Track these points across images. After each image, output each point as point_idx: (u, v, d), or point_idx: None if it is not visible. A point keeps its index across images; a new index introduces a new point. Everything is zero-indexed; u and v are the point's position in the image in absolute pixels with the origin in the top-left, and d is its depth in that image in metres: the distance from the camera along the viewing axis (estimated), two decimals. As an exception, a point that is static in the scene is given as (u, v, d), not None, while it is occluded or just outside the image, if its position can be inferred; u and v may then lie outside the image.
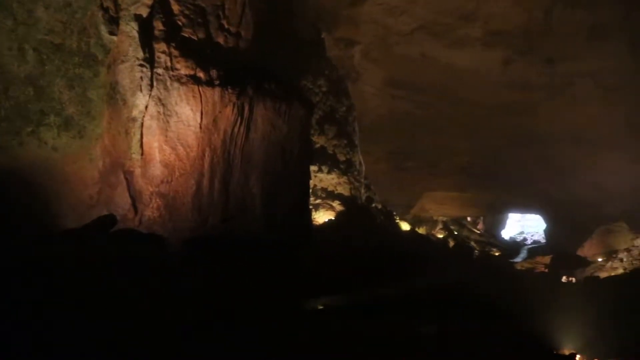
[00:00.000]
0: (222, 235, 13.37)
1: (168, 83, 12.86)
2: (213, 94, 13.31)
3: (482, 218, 45.05)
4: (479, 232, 42.10)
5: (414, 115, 34.94)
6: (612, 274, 23.07)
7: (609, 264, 24.89)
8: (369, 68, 33.57)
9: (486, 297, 15.44)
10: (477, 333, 11.51)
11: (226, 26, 14.75)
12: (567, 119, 33.26)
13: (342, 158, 23.58)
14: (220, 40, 14.53)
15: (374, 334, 10.86)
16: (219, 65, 13.71)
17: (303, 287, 14.39)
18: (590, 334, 12.96)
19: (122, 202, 12.58)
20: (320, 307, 14.63)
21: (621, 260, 24.24)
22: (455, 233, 37.42)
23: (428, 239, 28.92)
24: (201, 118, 13.15)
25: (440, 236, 35.26)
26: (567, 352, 12.26)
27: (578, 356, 12.13)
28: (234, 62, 14.35)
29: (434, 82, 33.72)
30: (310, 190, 19.97)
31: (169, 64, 12.94)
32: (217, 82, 13.42)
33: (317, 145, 22.93)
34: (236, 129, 13.87)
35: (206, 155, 13.36)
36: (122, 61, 12.68)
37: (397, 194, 35.02)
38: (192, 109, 13.04)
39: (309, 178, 17.54)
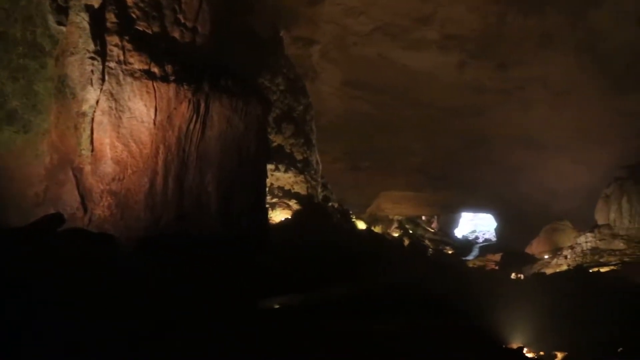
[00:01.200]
0: (176, 233, 13.10)
1: (121, 77, 12.46)
2: (168, 90, 13.00)
3: (436, 217, 46.04)
4: (433, 230, 43.05)
5: (371, 115, 35.36)
6: (557, 270, 24.08)
7: (555, 260, 26.01)
8: (327, 67, 33.70)
9: (440, 294, 15.81)
10: (431, 329, 11.76)
11: (182, 20, 14.43)
12: (518, 122, 34.49)
13: (299, 157, 23.57)
14: (176, 34, 14.20)
15: (330, 332, 10.91)
16: (174, 61, 13.40)
17: (259, 285, 14.29)
18: (537, 328, 13.47)
19: (70, 200, 12.09)
20: (277, 306, 14.58)
21: (565, 257, 25.36)
22: (410, 232, 38.12)
23: (384, 237, 29.31)
24: (155, 114, 12.81)
25: (396, 235, 35.81)
26: (515, 346, 12.69)
27: (525, 349, 12.58)
28: (190, 57, 14.06)
29: (391, 83, 34.22)
30: (267, 189, 19.86)
31: (121, 57, 12.54)
32: (172, 78, 13.11)
33: (274, 144, 22.82)
34: (192, 126, 13.60)
35: (160, 152, 13.03)
36: (72, 53, 12.17)
37: (353, 193, 35.36)
38: (145, 105, 12.69)
39: (266, 177, 17.44)
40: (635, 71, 30.12)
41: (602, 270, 22.05)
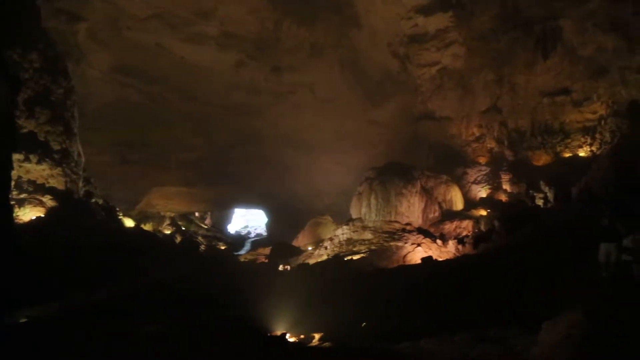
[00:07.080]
0: None
1: None
2: None
3: (209, 213, 46.09)
4: (206, 227, 42.97)
5: (144, 106, 33.57)
6: (319, 260, 26.42)
7: (317, 251, 28.46)
8: (95, 49, 30.74)
9: (210, 289, 15.87)
10: (198, 325, 11.70)
11: None
12: (289, 124, 37.02)
13: (56, 147, 20.79)
14: None
15: (91, 339, 9.93)
16: None
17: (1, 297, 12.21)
18: (299, 314, 14.55)
19: None
20: (24, 320, 12.67)
21: (326, 247, 27.97)
22: (183, 228, 37.37)
23: (154, 235, 28.02)
24: None
25: (168, 232, 34.69)
26: (279, 333, 13.46)
27: (288, 335, 13.44)
28: None
29: (168, 74, 33.12)
30: (13, 183, 17.07)
31: None
32: None
33: (25, 130, 19.74)
34: None
35: None
36: None
37: (121, 189, 33.08)
38: None
39: (11, 168, 14.95)
40: (384, 87, 35.36)
41: (355, 257, 24.92)
